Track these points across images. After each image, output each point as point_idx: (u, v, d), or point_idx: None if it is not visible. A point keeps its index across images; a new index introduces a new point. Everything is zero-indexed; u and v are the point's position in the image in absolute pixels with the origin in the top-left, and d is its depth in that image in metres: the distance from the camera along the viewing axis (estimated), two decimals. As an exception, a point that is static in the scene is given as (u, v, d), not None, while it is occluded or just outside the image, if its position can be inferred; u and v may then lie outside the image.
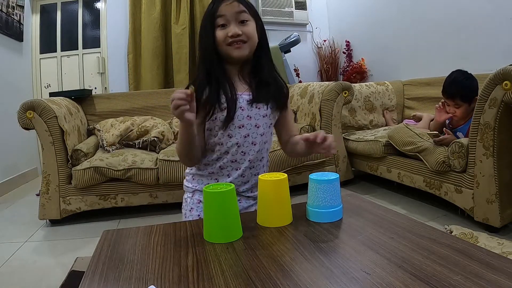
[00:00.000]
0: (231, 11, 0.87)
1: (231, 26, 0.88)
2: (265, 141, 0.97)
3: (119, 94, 2.89)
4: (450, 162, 1.74)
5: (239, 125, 0.92)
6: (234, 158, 0.94)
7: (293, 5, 4.01)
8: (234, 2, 0.88)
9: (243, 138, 0.93)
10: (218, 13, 0.88)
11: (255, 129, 0.94)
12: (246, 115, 0.92)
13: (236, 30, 0.87)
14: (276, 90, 0.95)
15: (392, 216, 0.76)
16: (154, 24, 3.48)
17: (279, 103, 0.96)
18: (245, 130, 0.93)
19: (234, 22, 0.88)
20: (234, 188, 0.69)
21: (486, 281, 0.48)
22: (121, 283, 0.54)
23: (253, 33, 0.90)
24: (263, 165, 0.99)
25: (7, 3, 2.94)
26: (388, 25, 3.36)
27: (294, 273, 0.54)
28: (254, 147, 0.94)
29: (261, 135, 0.95)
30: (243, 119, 0.92)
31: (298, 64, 4.01)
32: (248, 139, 0.93)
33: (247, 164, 0.95)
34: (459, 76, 1.85)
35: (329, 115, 2.44)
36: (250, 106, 0.93)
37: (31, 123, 1.95)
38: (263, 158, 0.98)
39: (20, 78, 3.31)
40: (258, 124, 0.94)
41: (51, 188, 2.01)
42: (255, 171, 0.97)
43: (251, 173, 0.97)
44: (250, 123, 0.93)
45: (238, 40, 0.88)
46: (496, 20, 2.34)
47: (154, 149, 2.34)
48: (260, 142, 0.95)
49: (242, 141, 0.93)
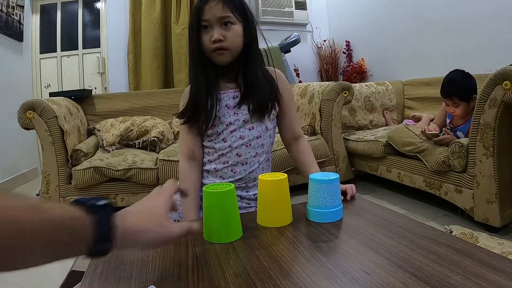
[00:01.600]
0: (214, 15, 0.85)
1: (214, 29, 0.86)
2: (258, 136, 0.97)
3: (119, 94, 2.89)
4: (450, 162, 1.74)
5: (226, 122, 0.93)
6: (221, 152, 0.95)
7: (293, 5, 4.01)
8: (219, 4, 0.85)
9: (229, 134, 0.94)
10: (203, 16, 0.86)
11: (243, 124, 0.94)
12: (232, 112, 0.93)
13: (217, 35, 0.85)
14: (264, 89, 0.93)
15: (392, 216, 0.76)
16: (154, 24, 3.48)
17: (264, 104, 0.94)
18: (233, 126, 0.93)
19: (217, 25, 0.86)
20: (234, 188, 0.69)
21: (486, 281, 0.48)
22: (121, 283, 0.54)
23: (235, 38, 0.88)
24: (255, 161, 0.98)
25: (7, 3, 2.94)
26: (388, 25, 3.36)
27: (294, 273, 0.54)
28: (242, 140, 0.95)
29: (249, 129, 0.95)
30: (229, 117, 0.93)
31: (298, 64, 4.01)
32: (234, 133, 0.94)
33: (236, 158, 0.95)
34: (456, 76, 1.86)
35: (329, 115, 2.44)
36: (238, 105, 0.93)
37: (31, 123, 1.95)
38: (256, 154, 0.97)
39: (20, 78, 3.31)
40: (246, 119, 0.94)
41: (51, 188, 2.01)
42: (248, 167, 0.97)
43: (243, 169, 0.97)
44: (237, 119, 0.93)
45: (219, 47, 0.86)
46: (496, 20, 2.34)
47: (154, 149, 2.34)
48: (248, 136, 0.95)
49: (228, 137, 0.94)
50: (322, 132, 2.47)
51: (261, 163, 0.99)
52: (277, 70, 1.01)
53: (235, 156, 0.95)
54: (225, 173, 0.96)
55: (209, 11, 0.85)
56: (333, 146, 2.45)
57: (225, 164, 0.95)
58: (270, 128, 0.99)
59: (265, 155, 1.00)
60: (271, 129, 0.99)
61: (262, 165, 0.99)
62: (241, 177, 0.96)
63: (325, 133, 2.46)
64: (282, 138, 1.06)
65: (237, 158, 0.95)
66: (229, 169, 0.96)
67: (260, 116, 0.94)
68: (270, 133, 0.99)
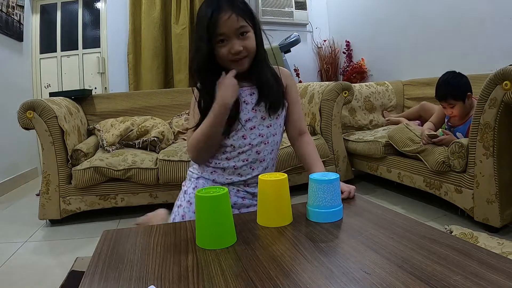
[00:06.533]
0: (231, 28, 0.85)
1: (233, 41, 0.86)
2: (274, 133, 0.99)
3: (119, 94, 2.89)
4: (450, 162, 1.74)
5: (245, 118, 0.94)
6: (241, 150, 0.95)
7: (293, 5, 4.01)
8: (233, 16, 0.85)
9: (249, 131, 0.94)
10: (218, 30, 0.85)
11: (261, 121, 0.95)
12: (250, 108, 0.94)
13: (237, 48, 0.86)
14: (276, 89, 0.96)
15: (392, 216, 0.76)
16: (154, 24, 3.48)
17: (278, 102, 0.97)
18: (251, 123, 0.94)
19: (235, 37, 0.87)
20: (227, 192, 0.67)
21: (486, 281, 0.48)
22: (121, 283, 0.54)
23: (253, 45, 0.90)
24: (270, 157, 1.00)
25: (7, 3, 2.94)
26: (388, 25, 3.36)
27: (294, 273, 0.54)
28: (262, 138, 0.96)
29: (268, 127, 0.96)
30: (248, 112, 0.94)
31: (298, 64, 4.01)
32: (254, 131, 0.95)
33: (255, 155, 0.96)
34: (446, 77, 1.87)
35: (329, 115, 2.44)
36: (257, 103, 0.95)
37: (31, 123, 1.95)
38: (272, 151, 1.00)
39: (20, 78, 3.31)
40: (264, 116, 0.95)
41: (51, 188, 2.01)
42: (265, 164, 0.98)
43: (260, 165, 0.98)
44: (255, 116, 0.95)
45: (239, 58, 0.88)
46: (496, 20, 2.34)
47: (154, 149, 2.34)
48: (266, 134, 0.96)
49: (248, 134, 0.94)
50: (322, 132, 2.47)
51: (273, 159, 1.01)
52: (281, 67, 1.03)
53: (254, 154, 0.96)
54: (244, 171, 0.97)
55: (225, 25, 0.85)
56: (333, 146, 2.45)
57: (245, 162, 0.96)
58: (282, 125, 1.02)
59: (277, 151, 1.02)
60: (282, 126, 1.02)
61: (273, 161, 1.02)
62: (258, 174, 0.96)
63: (325, 133, 2.46)
64: (288, 133, 1.07)
65: (256, 156, 0.96)
66: (248, 167, 0.96)
67: (275, 112, 0.96)
68: (282, 129, 1.02)
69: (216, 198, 0.65)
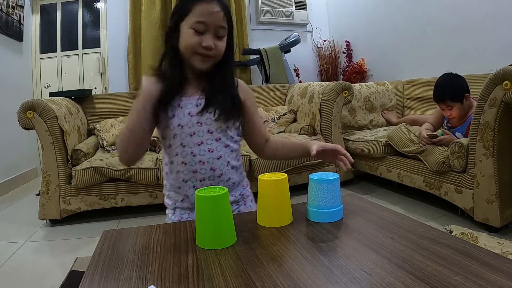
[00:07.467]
0: (213, 21, 0.83)
1: (207, 36, 0.83)
2: (226, 145, 0.92)
3: (119, 94, 2.89)
4: (450, 162, 1.74)
5: (190, 132, 0.88)
6: (193, 169, 0.89)
7: (293, 5, 4.01)
8: (220, 13, 0.83)
9: (197, 147, 0.88)
10: (201, 16, 0.82)
11: (209, 135, 0.89)
12: (196, 121, 0.88)
13: (211, 43, 0.83)
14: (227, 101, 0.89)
15: (392, 216, 0.76)
16: (154, 24, 3.48)
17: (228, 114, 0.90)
18: (198, 138, 0.88)
19: (211, 32, 0.84)
20: (227, 192, 0.67)
21: (486, 281, 0.48)
22: (121, 283, 0.54)
23: (222, 50, 0.86)
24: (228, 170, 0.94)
25: (7, 3, 2.94)
26: (388, 25, 3.36)
27: (294, 273, 0.54)
28: (212, 154, 0.89)
29: (217, 140, 0.90)
30: (193, 126, 0.88)
31: (298, 64, 4.01)
32: (202, 146, 0.88)
33: (210, 173, 0.90)
34: (443, 79, 1.88)
35: (329, 115, 2.44)
36: (200, 112, 0.88)
37: (31, 123, 1.95)
38: (228, 163, 0.93)
39: (20, 78, 3.31)
40: (211, 129, 0.89)
41: (51, 188, 2.01)
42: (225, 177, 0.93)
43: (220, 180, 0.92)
44: (201, 130, 0.88)
45: (206, 55, 0.84)
46: (496, 20, 2.34)
47: (154, 149, 2.34)
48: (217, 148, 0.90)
49: (197, 150, 0.88)
50: (322, 132, 2.47)
51: (235, 166, 0.95)
52: (238, 79, 0.98)
53: (209, 171, 0.90)
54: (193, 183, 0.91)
55: (210, 15, 0.82)
56: (333, 146, 2.44)
57: (202, 182, 0.90)
58: (235, 137, 0.95)
59: (237, 155, 0.97)
60: (236, 137, 0.96)
61: (238, 166, 0.96)
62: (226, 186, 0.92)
63: (325, 133, 2.46)
64: (253, 144, 1.02)
65: (212, 173, 0.90)
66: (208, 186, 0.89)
67: (224, 124, 0.90)
68: (236, 139, 0.96)
69: (216, 198, 0.66)
